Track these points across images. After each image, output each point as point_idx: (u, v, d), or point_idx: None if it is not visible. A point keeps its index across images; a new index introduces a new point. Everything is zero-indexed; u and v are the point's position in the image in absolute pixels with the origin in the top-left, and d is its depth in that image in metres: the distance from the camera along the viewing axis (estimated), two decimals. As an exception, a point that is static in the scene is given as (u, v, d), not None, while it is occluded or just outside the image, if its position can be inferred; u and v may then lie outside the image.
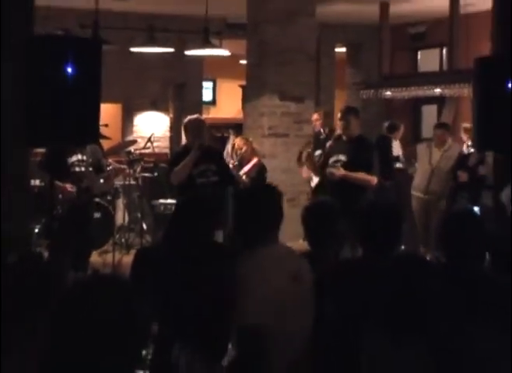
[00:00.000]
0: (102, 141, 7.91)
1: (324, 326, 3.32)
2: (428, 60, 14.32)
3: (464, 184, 8.57)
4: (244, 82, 9.96)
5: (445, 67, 13.01)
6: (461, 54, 11.11)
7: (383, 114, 13.78)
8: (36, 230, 7.95)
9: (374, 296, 2.88)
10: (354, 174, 6.82)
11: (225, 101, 17.46)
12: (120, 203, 10.13)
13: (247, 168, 7.66)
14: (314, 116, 9.75)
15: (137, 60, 12.61)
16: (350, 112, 7.20)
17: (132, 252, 7.97)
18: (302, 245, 3.74)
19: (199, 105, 14.33)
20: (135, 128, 13.86)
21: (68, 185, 7.08)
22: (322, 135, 9.64)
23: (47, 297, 2.38)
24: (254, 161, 7.74)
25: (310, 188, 8.07)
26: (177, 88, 14.03)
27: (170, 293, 3.53)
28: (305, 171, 8.34)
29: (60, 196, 7.03)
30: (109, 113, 11.08)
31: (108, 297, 1.87)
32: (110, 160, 8.92)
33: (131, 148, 10.19)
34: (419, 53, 14.62)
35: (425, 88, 11.74)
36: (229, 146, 10.13)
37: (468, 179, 8.49)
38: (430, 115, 13.82)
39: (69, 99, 4.19)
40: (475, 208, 7.38)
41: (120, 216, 10.03)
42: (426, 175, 8.93)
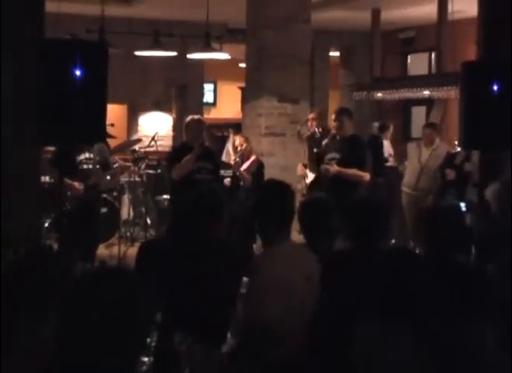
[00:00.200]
0: (108, 140, 7.92)
1: (319, 316, 3.32)
2: (417, 63, 14.32)
3: (451, 182, 8.58)
4: (243, 84, 9.94)
5: (433, 71, 12.99)
6: (448, 58, 11.09)
7: (374, 115, 13.79)
8: (46, 224, 7.95)
9: (367, 287, 2.88)
10: (347, 171, 6.85)
11: (225, 102, 17.46)
12: (125, 198, 10.15)
13: (246, 164, 7.69)
14: (309, 116, 9.74)
15: (141, 63, 12.61)
16: (344, 113, 7.22)
17: (137, 245, 7.97)
18: (297, 238, 3.73)
19: (200, 105, 14.33)
20: (139, 128, 13.86)
21: (76, 183, 7.06)
22: (317, 134, 9.62)
23: (56, 286, 2.38)
24: (252, 158, 7.78)
25: (305, 184, 8.06)
26: (179, 89, 14.02)
27: (171, 286, 3.53)
28: (300, 168, 8.34)
29: (68, 193, 7.03)
30: (115, 113, 11.07)
31: (114, 287, 1.88)
32: (116, 158, 8.92)
33: (136, 147, 10.20)
34: (408, 57, 14.62)
35: (414, 90, 11.73)
36: (229, 144, 10.13)
37: (456, 176, 8.50)
38: (419, 116, 13.81)
39: (77, 100, 4.18)
40: (461, 204, 7.39)
41: (126, 211, 10.04)
42: (416, 173, 8.93)
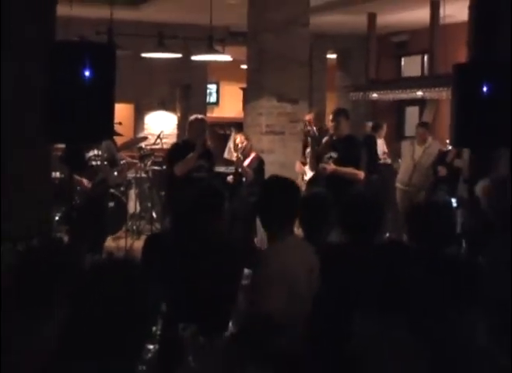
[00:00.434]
0: (116, 138, 7.91)
1: (318, 309, 3.31)
2: (410, 66, 14.31)
3: (443, 178, 8.59)
4: (245, 85, 9.93)
5: (426, 73, 12.98)
6: (440, 60, 11.08)
7: (370, 114, 13.79)
8: (56, 218, 7.95)
9: (362, 281, 2.86)
10: (343, 169, 6.87)
11: (227, 102, 17.45)
12: (132, 193, 10.15)
13: (247, 161, 7.71)
14: (307, 116, 9.73)
15: (147, 64, 12.60)
16: (340, 114, 7.22)
17: (143, 237, 7.97)
18: (296, 232, 3.72)
19: (204, 105, 14.33)
20: (145, 126, 13.85)
21: (84, 180, 7.06)
22: (315, 134, 9.60)
23: (65, 278, 2.38)
24: (253, 154, 7.79)
25: (304, 181, 8.05)
26: (183, 89, 14.01)
27: (175, 278, 3.52)
28: (298, 166, 8.33)
29: (78, 188, 7.03)
30: (122, 112, 11.06)
31: (121, 277, 1.88)
32: (123, 155, 8.93)
33: (142, 144, 10.21)
34: (402, 59, 14.61)
35: (408, 91, 11.73)
36: (230, 142, 10.13)
37: (447, 173, 8.51)
38: (413, 115, 13.81)
39: (86, 100, 4.17)
40: (452, 200, 7.40)
41: (132, 205, 10.05)
42: (409, 169, 8.94)
